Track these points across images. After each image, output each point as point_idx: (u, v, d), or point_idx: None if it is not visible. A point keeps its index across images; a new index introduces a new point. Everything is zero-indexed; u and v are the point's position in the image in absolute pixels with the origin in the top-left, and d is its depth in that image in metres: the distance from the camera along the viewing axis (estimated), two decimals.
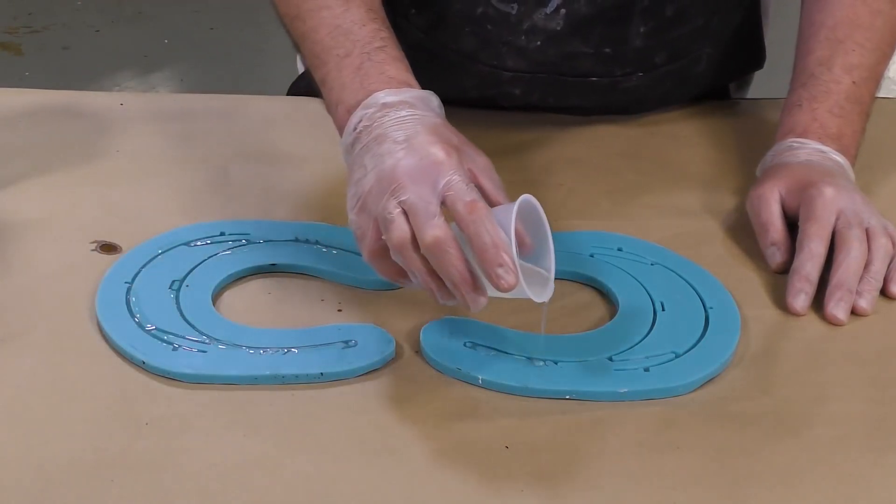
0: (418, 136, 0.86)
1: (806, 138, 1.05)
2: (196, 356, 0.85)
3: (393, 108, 0.88)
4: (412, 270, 0.84)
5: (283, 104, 1.22)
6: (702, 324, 0.91)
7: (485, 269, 0.80)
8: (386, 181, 0.84)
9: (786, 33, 1.22)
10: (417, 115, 0.88)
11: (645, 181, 1.12)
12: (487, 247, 0.80)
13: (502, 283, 0.80)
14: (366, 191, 0.85)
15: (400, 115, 0.88)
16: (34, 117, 1.15)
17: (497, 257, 0.80)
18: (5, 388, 0.83)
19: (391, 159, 0.85)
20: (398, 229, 0.82)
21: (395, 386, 0.86)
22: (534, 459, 0.80)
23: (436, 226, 0.81)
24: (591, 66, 1.14)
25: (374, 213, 0.84)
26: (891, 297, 0.96)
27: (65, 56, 3.14)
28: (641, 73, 1.15)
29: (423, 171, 0.83)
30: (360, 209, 0.86)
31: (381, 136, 0.87)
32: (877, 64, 1.08)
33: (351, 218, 0.87)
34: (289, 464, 0.78)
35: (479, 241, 0.80)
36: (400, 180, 0.83)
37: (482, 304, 0.83)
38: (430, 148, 0.84)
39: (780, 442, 0.82)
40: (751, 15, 1.22)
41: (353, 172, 0.88)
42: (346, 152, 0.90)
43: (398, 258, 0.84)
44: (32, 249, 0.97)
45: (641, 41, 1.13)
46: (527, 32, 1.11)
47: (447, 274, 0.82)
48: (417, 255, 0.83)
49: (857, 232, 0.96)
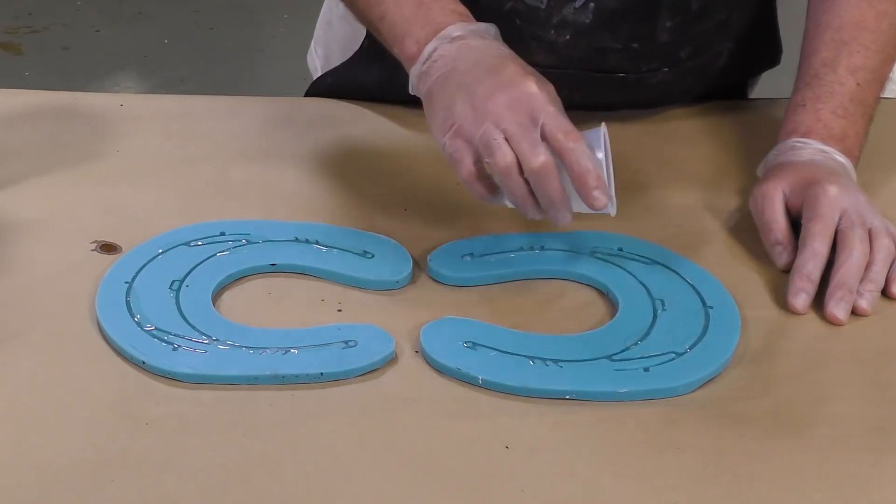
0: (507, 67, 0.93)
1: (809, 138, 1.05)
2: (196, 356, 0.85)
3: (464, 38, 0.95)
4: (512, 191, 0.92)
5: (283, 104, 1.22)
6: (702, 324, 0.91)
7: (582, 191, 0.90)
8: (483, 110, 0.91)
9: (790, 34, 1.22)
10: (492, 47, 0.95)
11: (645, 181, 1.12)
12: (587, 172, 0.89)
13: (597, 202, 0.90)
14: (460, 117, 0.92)
15: (475, 46, 0.95)
16: (34, 117, 1.15)
17: (595, 181, 0.89)
18: (5, 389, 0.83)
19: (484, 88, 0.91)
20: (506, 155, 0.90)
21: (395, 386, 0.86)
22: (534, 459, 0.80)
23: (542, 153, 0.90)
24: (619, 62, 1.14)
25: (471, 138, 0.91)
26: (892, 297, 0.96)
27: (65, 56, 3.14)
28: (667, 69, 1.16)
29: (521, 101, 0.91)
30: (454, 134, 0.92)
31: (463, 65, 0.94)
32: (881, 66, 1.08)
33: (443, 141, 0.93)
34: (289, 464, 0.78)
35: (580, 167, 0.89)
36: (499, 110, 0.90)
37: (569, 220, 0.92)
38: (523, 79, 0.92)
39: (780, 442, 0.82)
40: (767, 11, 1.23)
41: (437, 100, 0.94)
42: (420, 80, 0.96)
43: (502, 180, 0.91)
44: (32, 249, 0.97)
45: (668, 36, 1.13)
46: (556, 27, 1.11)
47: (547, 194, 0.90)
48: (520, 177, 0.91)
49: (859, 232, 0.96)
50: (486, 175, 0.93)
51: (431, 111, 0.95)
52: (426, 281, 0.96)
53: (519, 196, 0.92)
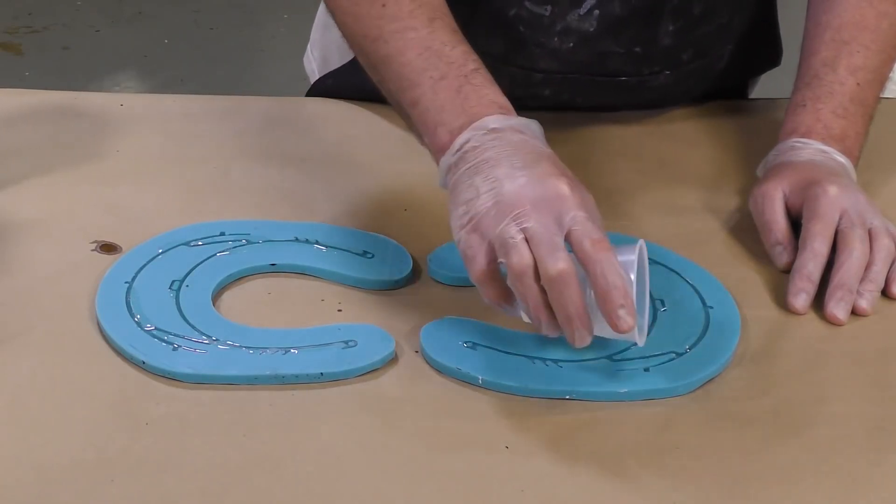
0: (540, 165, 0.85)
1: (809, 139, 1.05)
2: (196, 356, 0.85)
3: (501, 132, 0.87)
4: (525, 298, 0.83)
5: (283, 104, 1.22)
6: (702, 324, 0.91)
7: (606, 309, 0.80)
8: (507, 206, 0.83)
9: (791, 34, 1.22)
10: (529, 143, 0.87)
11: (645, 181, 1.11)
12: (613, 287, 0.80)
13: (622, 324, 0.80)
14: (481, 212, 0.84)
15: (511, 141, 0.87)
16: (34, 117, 1.15)
17: (621, 299, 0.80)
18: (5, 389, 0.83)
19: (512, 184, 0.84)
20: (522, 256, 0.82)
21: (395, 386, 0.86)
22: (534, 459, 0.80)
23: (561, 259, 0.81)
24: (621, 66, 1.14)
25: (489, 236, 0.83)
26: (892, 297, 0.96)
27: (65, 56, 3.14)
28: (668, 71, 1.16)
29: (548, 202, 0.83)
30: (472, 229, 0.84)
31: (494, 159, 0.86)
32: (882, 66, 1.08)
33: (460, 236, 0.85)
34: (289, 464, 0.78)
35: (605, 282, 0.80)
36: (523, 207, 0.82)
37: (588, 341, 0.83)
38: (554, 180, 0.84)
39: (780, 442, 0.82)
40: (768, 13, 1.23)
41: (460, 192, 0.86)
42: (448, 172, 0.88)
43: (514, 284, 0.83)
44: (32, 249, 0.97)
45: (670, 40, 1.13)
46: (560, 34, 1.11)
47: (564, 307, 0.81)
48: (536, 284, 0.82)
49: (859, 232, 0.96)
50: (500, 278, 0.85)
51: (454, 204, 0.87)
52: (426, 281, 0.96)
53: (532, 304, 0.82)
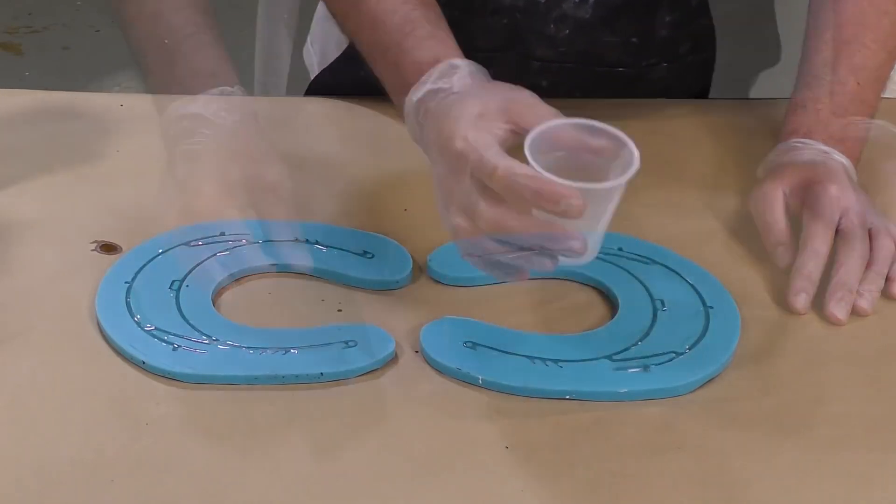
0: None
1: (810, 139, 1.05)
2: (196, 356, 0.85)
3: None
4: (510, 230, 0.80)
5: (283, 104, 1.22)
6: (702, 324, 0.91)
7: (551, 209, 0.76)
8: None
9: (791, 34, 1.22)
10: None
11: (645, 181, 1.11)
12: (541, 192, 0.76)
13: (571, 210, 0.76)
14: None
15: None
16: (34, 117, 1.15)
17: (551, 194, 0.76)
18: (5, 389, 0.83)
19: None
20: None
21: (395, 386, 0.85)
22: (534, 459, 0.80)
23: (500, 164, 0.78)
24: (618, 56, 1.15)
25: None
26: (892, 297, 0.96)
27: (65, 56, 3.13)
28: (666, 63, 1.16)
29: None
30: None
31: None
32: (882, 65, 1.08)
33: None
34: (289, 464, 0.78)
35: (523, 193, 0.77)
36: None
37: (576, 247, 0.79)
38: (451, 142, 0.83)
39: (780, 442, 0.82)
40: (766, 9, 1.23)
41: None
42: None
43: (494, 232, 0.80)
44: (32, 249, 0.97)
45: (667, 31, 1.14)
46: (556, 21, 1.12)
47: (523, 193, 0.77)
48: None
49: (860, 232, 0.96)
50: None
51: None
52: (426, 281, 0.96)
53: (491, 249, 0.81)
